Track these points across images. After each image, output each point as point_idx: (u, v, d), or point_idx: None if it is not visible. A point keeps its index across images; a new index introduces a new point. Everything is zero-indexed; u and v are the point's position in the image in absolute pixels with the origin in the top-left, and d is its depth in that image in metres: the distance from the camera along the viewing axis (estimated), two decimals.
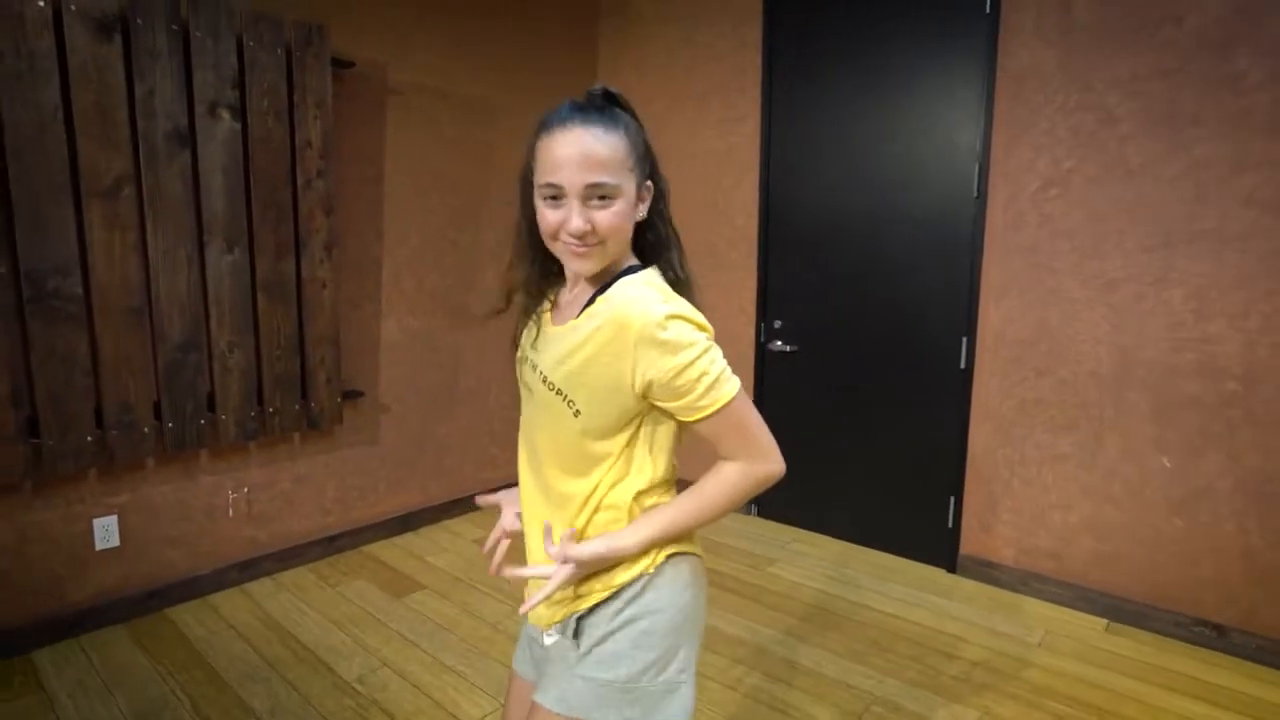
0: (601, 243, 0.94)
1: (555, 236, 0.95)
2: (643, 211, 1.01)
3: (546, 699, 1.00)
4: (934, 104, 2.70)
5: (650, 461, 1.01)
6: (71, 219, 2.18)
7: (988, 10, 2.50)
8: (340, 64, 2.73)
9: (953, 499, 2.80)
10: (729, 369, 0.96)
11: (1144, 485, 2.39)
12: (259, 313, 2.59)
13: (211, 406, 2.51)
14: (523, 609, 0.98)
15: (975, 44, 2.56)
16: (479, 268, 3.37)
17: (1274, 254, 2.10)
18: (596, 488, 1.00)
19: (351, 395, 2.92)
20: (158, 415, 2.38)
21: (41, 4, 2.08)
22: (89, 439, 2.24)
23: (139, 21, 2.25)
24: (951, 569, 2.83)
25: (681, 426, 1.01)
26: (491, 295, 3.42)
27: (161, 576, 2.47)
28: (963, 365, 2.72)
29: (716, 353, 0.95)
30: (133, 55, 2.25)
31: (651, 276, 0.99)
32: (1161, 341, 2.30)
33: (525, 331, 1.09)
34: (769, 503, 3.37)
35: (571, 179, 0.91)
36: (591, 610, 1.01)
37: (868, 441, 3.01)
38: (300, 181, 2.65)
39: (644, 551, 0.98)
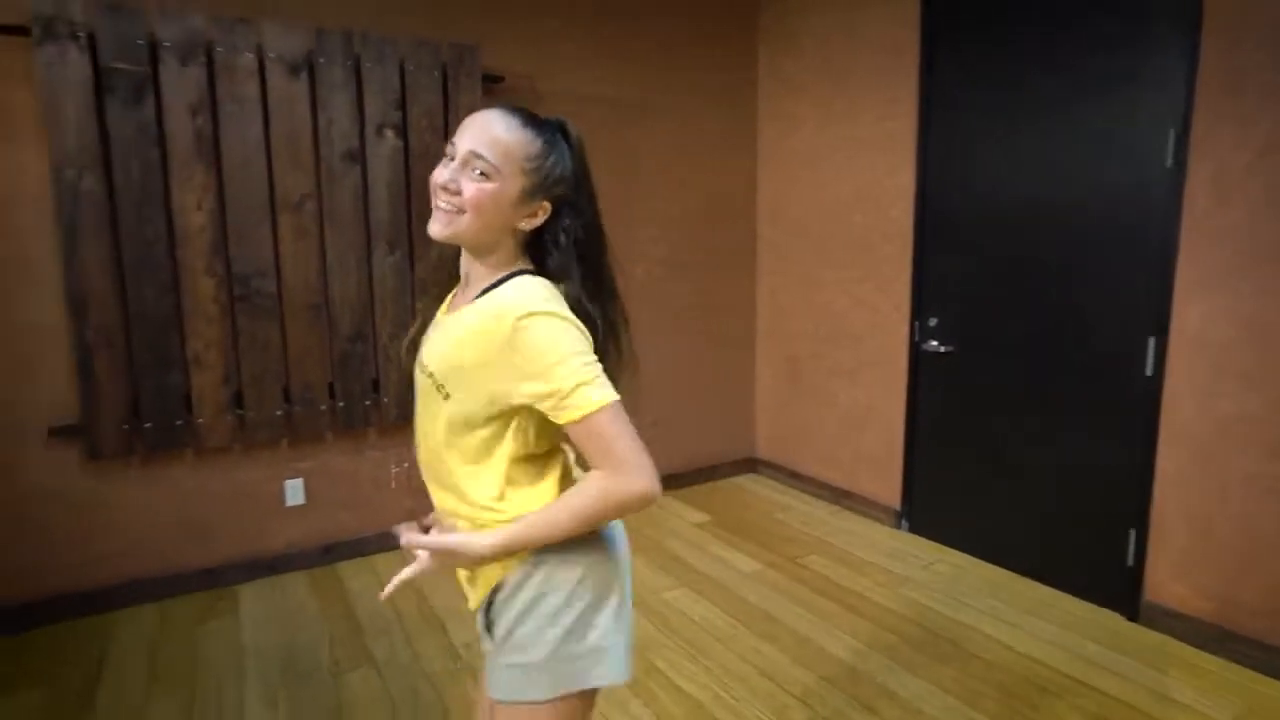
0: (460, 211, 0.96)
1: (434, 191, 0.99)
2: (527, 224, 1.01)
3: (489, 689, 1.06)
4: (1118, 59, 2.27)
5: (522, 466, 1.01)
6: (268, 230, 2.63)
7: None
8: (490, 79, 2.97)
9: (1134, 532, 2.35)
10: (603, 379, 0.94)
11: None
12: (416, 309, 2.92)
13: (376, 389, 2.88)
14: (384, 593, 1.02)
15: None
16: (624, 265, 3.46)
17: None
18: (467, 482, 1.02)
19: None
20: (332, 395, 2.79)
21: (250, 55, 2.53)
22: (279, 413, 2.70)
23: (322, 60, 2.64)
24: (1131, 616, 2.37)
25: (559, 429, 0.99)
26: (640, 290, 3.51)
27: (335, 534, 2.89)
28: (1149, 372, 2.26)
29: (589, 359, 0.94)
30: (316, 89, 2.65)
31: (544, 282, 0.99)
32: None
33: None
34: (920, 518, 3.07)
35: (462, 143, 0.97)
36: (492, 600, 1.04)
37: (1033, 457, 2.62)
38: None
39: (498, 556, 0.97)
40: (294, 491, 2.80)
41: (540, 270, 1.03)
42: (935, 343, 2.91)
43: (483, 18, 2.99)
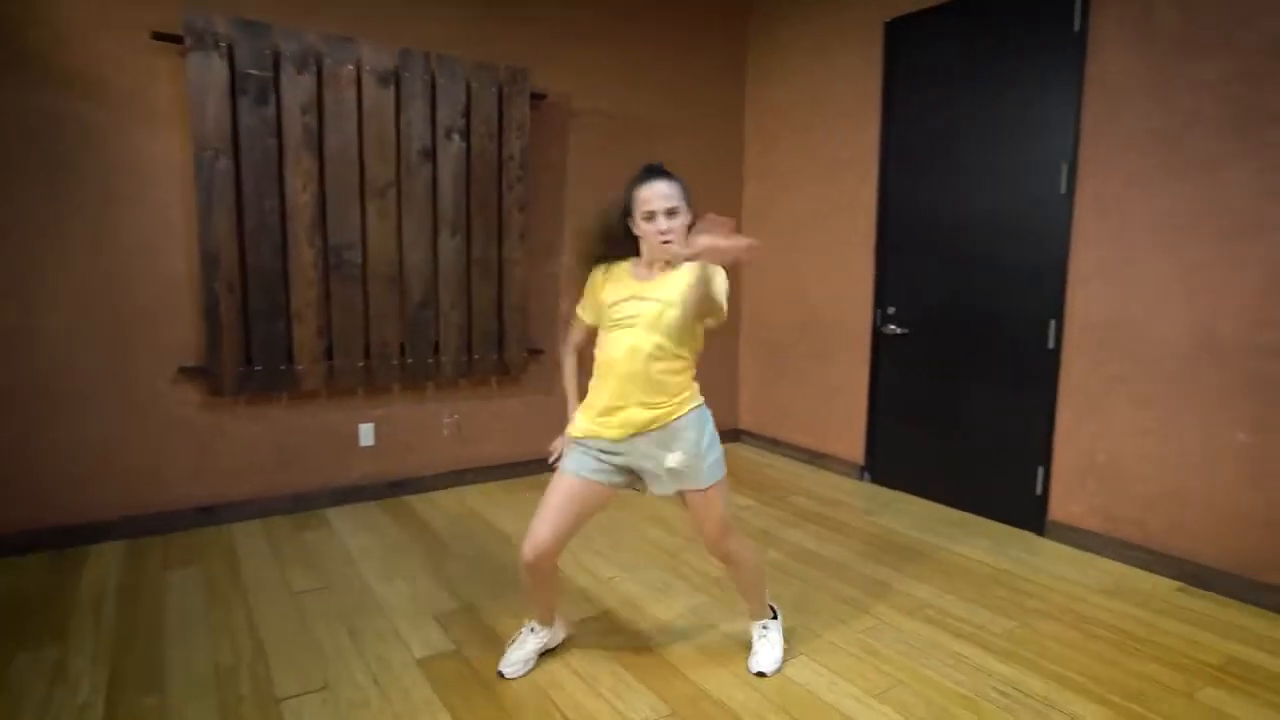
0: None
1: (657, 235, 1.77)
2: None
3: (694, 483, 1.83)
4: (1029, 110, 3.02)
5: None
6: (358, 211, 3.16)
7: (1076, 29, 2.81)
8: (537, 96, 3.56)
9: (1041, 469, 3.08)
10: None
11: (1222, 459, 2.57)
12: (471, 284, 3.48)
13: (437, 351, 3.42)
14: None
15: (1066, 57, 2.87)
16: None
17: None
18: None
19: (535, 352, 3.74)
20: (402, 353, 3.32)
21: (351, 67, 3.07)
22: (360, 364, 3.21)
23: (406, 74, 3.20)
24: (1039, 532, 3.10)
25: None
26: None
27: (400, 472, 3.41)
28: (1051, 346, 3.00)
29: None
30: (401, 98, 3.20)
31: None
32: (1238, 323, 2.49)
33: (605, 289, 1.87)
34: (879, 470, 3.77)
35: (660, 204, 1.76)
36: (666, 425, 1.83)
37: (967, 416, 3.34)
38: (504, 186, 3.51)
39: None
40: (366, 434, 3.31)
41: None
42: (894, 327, 3.63)
43: (533, 46, 3.59)
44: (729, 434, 4.63)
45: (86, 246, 2.72)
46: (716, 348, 4.51)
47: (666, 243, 1.76)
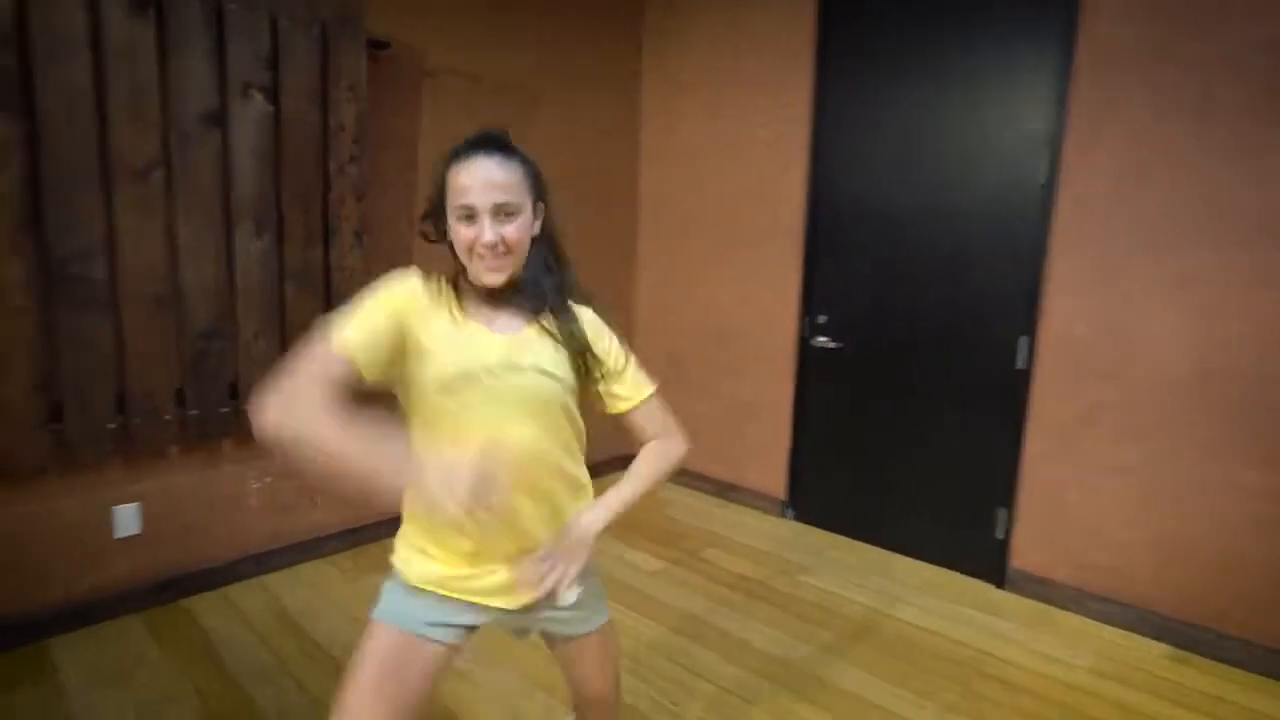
0: (509, 253, 1.10)
1: (474, 250, 1.08)
2: (537, 228, 1.15)
3: (591, 626, 1.26)
4: (1000, 87, 2.53)
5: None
6: (100, 203, 2.14)
7: None
8: (376, 44, 2.66)
9: (1003, 510, 2.63)
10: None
11: (1223, 502, 2.19)
12: (286, 301, 2.54)
13: (235, 395, 2.47)
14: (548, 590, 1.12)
15: (1050, 22, 2.39)
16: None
17: None
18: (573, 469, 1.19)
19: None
20: (181, 403, 2.35)
21: None
22: (111, 426, 2.21)
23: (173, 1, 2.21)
24: (999, 584, 2.65)
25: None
26: None
27: (180, 566, 2.43)
28: (1020, 366, 2.54)
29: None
30: (167, 33, 2.21)
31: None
32: (1251, 346, 2.10)
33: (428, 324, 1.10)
34: (805, 506, 3.22)
35: (479, 200, 1.07)
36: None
37: (914, 445, 2.85)
38: (332, 166, 2.59)
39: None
40: (126, 519, 2.31)
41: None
42: (825, 339, 3.06)
43: None
44: (617, 462, 3.92)
45: None
46: None
47: (492, 267, 1.09)
